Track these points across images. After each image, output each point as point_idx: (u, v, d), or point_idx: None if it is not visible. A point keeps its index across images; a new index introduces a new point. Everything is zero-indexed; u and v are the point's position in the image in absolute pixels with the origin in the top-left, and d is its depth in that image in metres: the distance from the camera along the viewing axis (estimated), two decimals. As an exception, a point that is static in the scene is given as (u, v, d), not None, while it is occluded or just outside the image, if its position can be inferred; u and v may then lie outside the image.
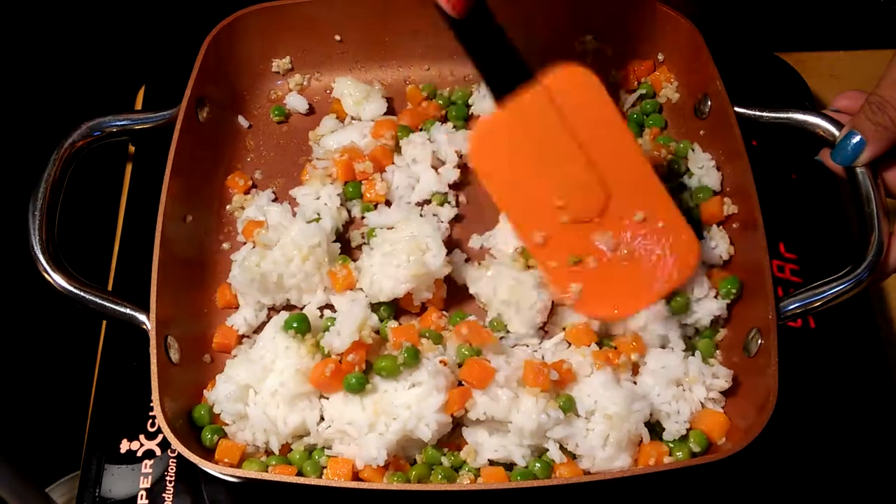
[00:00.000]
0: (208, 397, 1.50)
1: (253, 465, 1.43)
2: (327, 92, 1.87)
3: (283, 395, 1.44)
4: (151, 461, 1.56)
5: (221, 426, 1.48)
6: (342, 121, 1.83)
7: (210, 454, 1.44)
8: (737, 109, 1.60)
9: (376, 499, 1.45)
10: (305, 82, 1.88)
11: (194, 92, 1.66)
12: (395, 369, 1.42)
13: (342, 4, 1.79)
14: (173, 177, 1.58)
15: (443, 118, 1.80)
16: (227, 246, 1.70)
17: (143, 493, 1.53)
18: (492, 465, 1.44)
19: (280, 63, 1.86)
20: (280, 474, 1.41)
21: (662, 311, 1.52)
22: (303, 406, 1.45)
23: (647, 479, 1.39)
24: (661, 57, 1.82)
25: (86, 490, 1.54)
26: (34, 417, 2.00)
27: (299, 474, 1.43)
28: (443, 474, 1.42)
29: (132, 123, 1.67)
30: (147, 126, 1.67)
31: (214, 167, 1.76)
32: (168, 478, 1.54)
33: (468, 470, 1.43)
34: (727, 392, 1.51)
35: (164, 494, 1.53)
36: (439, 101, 1.83)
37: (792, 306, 1.45)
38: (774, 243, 1.73)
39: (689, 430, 1.46)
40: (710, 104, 1.69)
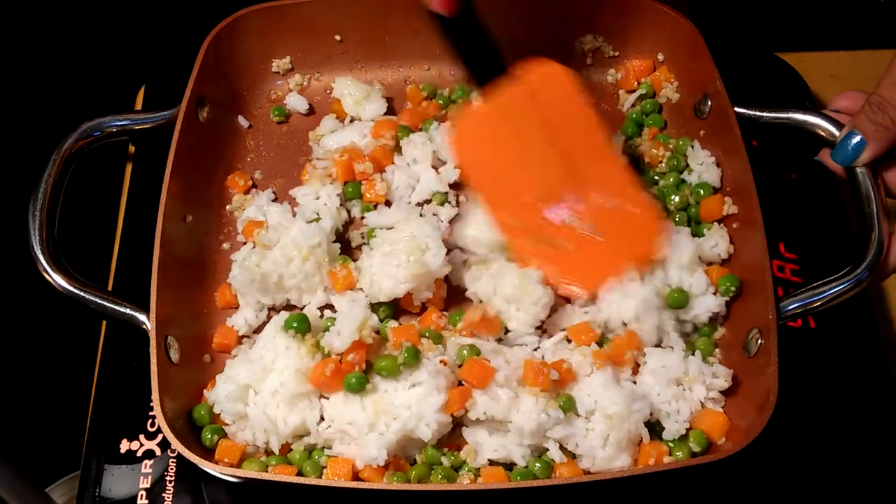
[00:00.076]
0: (208, 397, 1.49)
1: (253, 465, 1.43)
2: (327, 92, 1.87)
3: (284, 395, 1.44)
4: (151, 461, 1.56)
5: (221, 426, 1.48)
6: (342, 121, 1.83)
7: (210, 454, 1.44)
8: (737, 109, 1.60)
9: (376, 499, 1.45)
10: (305, 82, 1.88)
11: (194, 92, 1.66)
12: (395, 369, 1.42)
13: (342, 4, 1.79)
14: (173, 177, 1.58)
15: (443, 118, 1.80)
16: (227, 246, 1.70)
17: (143, 493, 1.53)
18: (492, 464, 1.44)
19: (280, 63, 1.85)
20: (280, 474, 1.41)
21: (654, 302, 1.51)
22: (303, 406, 1.45)
23: (647, 479, 1.39)
24: (661, 57, 1.82)
25: (86, 490, 1.54)
26: (34, 417, 2.00)
27: (299, 474, 1.43)
28: (443, 474, 1.42)
29: (132, 123, 1.67)
30: (147, 126, 1.67)
31: (214, 167, 1.76)
32: (168, 478, 1.54)
33: (468, 470, 1.43)
34: (727, 392, 1.50)
35: (164, 494, 1.53)
36: (439, 101, 1.83)
37: (792, 306, 1.45)
38: (774, 243, 1.72)
39: (689, 429, 1.46)
40: (709, 104, 1.69)
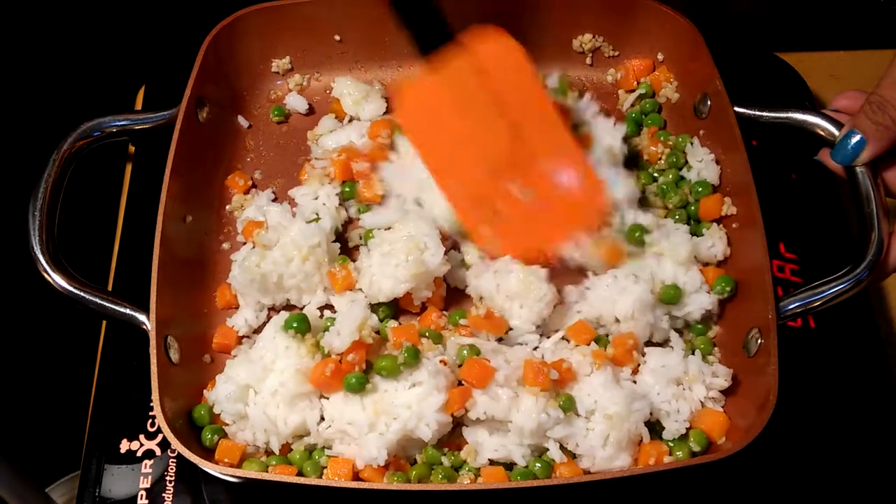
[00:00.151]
0: (208, 397, 1.49)
1: (253, 466, 1.43)
2: (327, 92, 1.87)
3: (284, 395, 1.44)
4: (151, 461, 1.55)
5: (221, 426, 1.48)
6: (341, 121, 1.83)
7: (210, 454, 1.44)
8: (736, 109, 1.60)
9: (377, 499, 1.45)
10: (305, 82, 1.88)
11: (194, 92, 1.66)
12: (395, 369, 1.42)
13: (342, 4, 1.79)
14: (173, 177, 1.58)
15: None
16: (227, 246, 1.70)
17: (143, 493, 1.53)
18: (492, 464, 1.44)
19: (280, 63, 1.85)
20: (280, 474, 1.41)
21: (649, 301, 1.51)
22: (303, 406, 1.45)
23: (648, 479, 1.39)
24: (661, 56, 1.82)
25: (86, 490, 1.53)
26: (34, 417, 2.00)
27: (299, 474, 1.42)
28: (443, 474, 1.42)
29: (132, 123, 1.67)
30: (147, 126, 1.67)
31: (214, 167, 1.75)
32: (168, 478, 1.54)
33: (468, 470, 1.43)
34: (727, 391, 1.51)
35: (164, 494, 1.53)
36: None
37: (792, 306, 1.45)
38: (774, 243, 1.72)
39: (689, 429, 1.46)
40: (709, 104, 1.69)
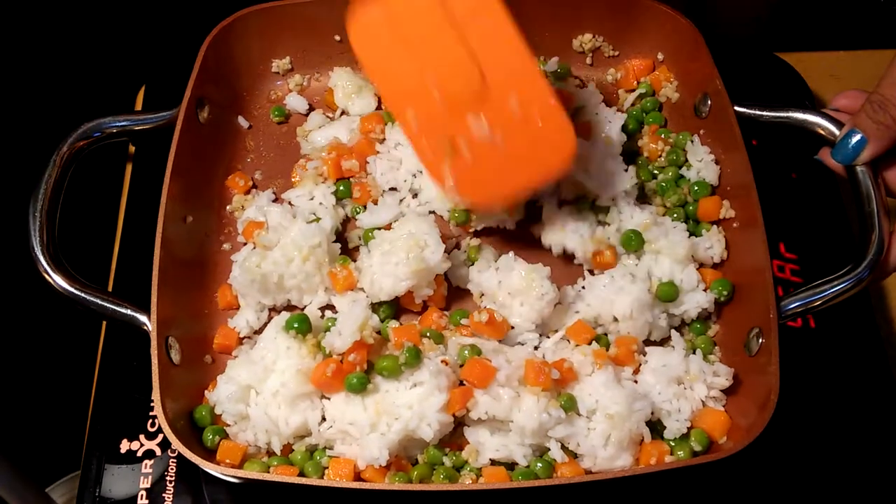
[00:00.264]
0: (209, 398, 1.49)
1: (254, 466, 1.43)
2: (327, 92, 1.87)
3: (285, 396, 1.44)
4: (151, 461, 1.55)
5: (223, 427, 1.48)
6: (332, 114, 1.83)
7: (211, 455, 1.44)
8: (736, 109, 1.60)
9: (378, 499, 1.45)
10: (305, 83, 1.87)
11: (194, 92, 1.66)
12: (396, 369, 1.42)
13: (342, 4, 1.77)
14: (173, 177, 1.58)
15: None
16: (227, 247, 1.69)
17: (143, 493, 1.53)
18: (493, 464, 1.44)
19: (280, 63, 1.85)
20: (282, 475, 1.41)
21: (647, 300, 1.52)
22: (304, 406, 1.45)
23: (649, 479, 1.39)
24: (661, 56, 1.82)
25: (86, 490, 1.53)
26: (34, 417, 2.00)
27: (301, 475, 1.42)
28: (444, 474, 1.42)
29: (132, 124, 1.67)
30: (147, 127, 1.67)
31: (214, 168, 1.75)
32: (168, 478, 1.54)
33: (470, 470, 1.43)
34: (728, 391, 1.51)
35: (164, 494, 1.52)
36: None
37: (793, 305, 1.45)
38: (774, 243, 1.73)
39: (691, 428, 1.46)
40: (709, 104, 1.69)
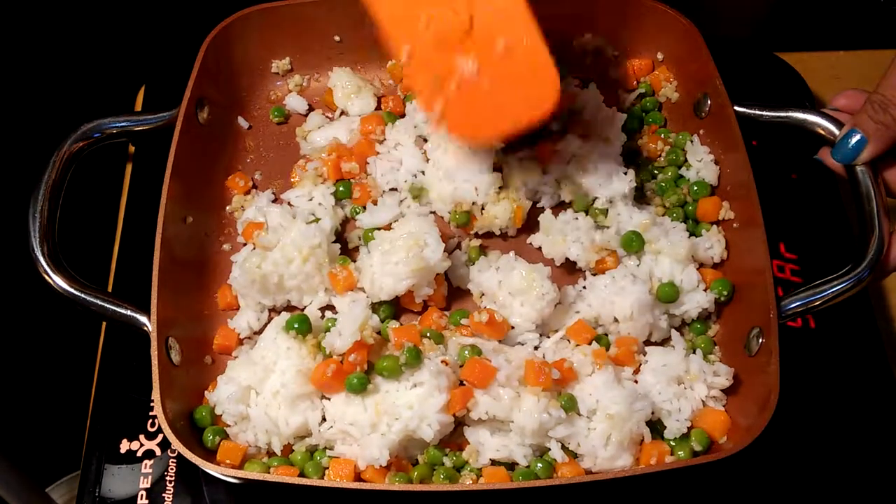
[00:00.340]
0: (210, 398, 1.49)
1: (255, 467, 1.43)
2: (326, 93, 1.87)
3: (285, 396, 1.44)
4: (151, 461, 1.55)
5: (223, 427, 1.48)
6: (331, 114, 1.83)
7: (212, 455, 1.44)
8: (736, 109, 1.60)
9: (378, 499, 1.45)
10: (305, 83, 1.87)
11: (194, 93, 1.66)
12: (396, 369, 1.42)
13: (342, 4, 1.79)
14: (173, 178, 1.58)
15: None
16: (227, 247, 1.69)
17: (143, 493, 1.53)
18: (494, 464, 1.44)
19: (280, 64, 1.85)
20: (282, 475, 1.41)
21: (647, 301, 1.52)
22: (304, 407, 1.45)
23: (649, 479, 1.39)
24: (661, 56, 1.82)
25: (86, 490, 1.53)
26: (34, 417, 2.00)
27: (301, 475, 1.43)
28: (445, 474, 1.42)
29: (132, 125, 1.67)
30: (147, 127, 1.67)
31: (214, 168, 1.75)
32: (168, 478, 1.54)
33: (470, 470, 1.43)
34: (728, 391, 1.51)
35: (164, 494, 1.52)
36: None
37: (793, 305, 1.45)
38: (774, 243, 1.73)
39: (691, 428, 1.46)
40: (709, 103, 1.69)
